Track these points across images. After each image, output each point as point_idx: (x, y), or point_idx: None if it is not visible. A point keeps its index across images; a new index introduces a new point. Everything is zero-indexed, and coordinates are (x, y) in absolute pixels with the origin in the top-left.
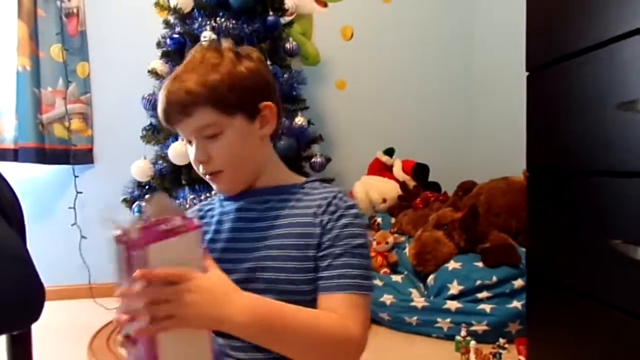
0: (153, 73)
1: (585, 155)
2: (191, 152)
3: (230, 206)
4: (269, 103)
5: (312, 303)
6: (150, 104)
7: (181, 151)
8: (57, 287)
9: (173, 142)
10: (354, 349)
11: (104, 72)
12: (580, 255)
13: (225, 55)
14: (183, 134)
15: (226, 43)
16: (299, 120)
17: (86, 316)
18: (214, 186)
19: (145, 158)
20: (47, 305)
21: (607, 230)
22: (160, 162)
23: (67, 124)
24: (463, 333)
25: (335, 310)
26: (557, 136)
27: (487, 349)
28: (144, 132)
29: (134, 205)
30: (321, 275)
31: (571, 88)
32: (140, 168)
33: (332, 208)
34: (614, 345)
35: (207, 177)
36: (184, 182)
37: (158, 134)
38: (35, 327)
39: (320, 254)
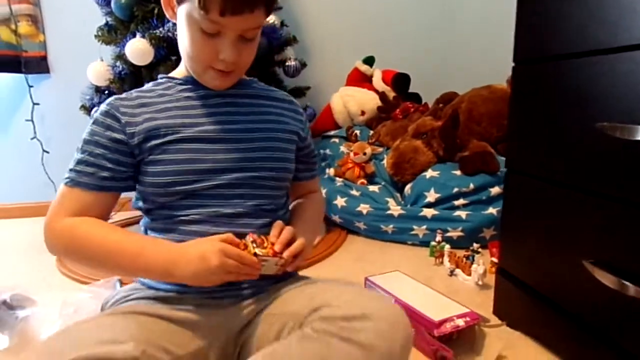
0: None
1: (574, 35)
2: (206, 44)
3: (197, 92)
4: None
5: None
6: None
7: (140, 49)
8: (22, 205)
9: (130, 39)
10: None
11: None
12: (564, 144)
13: None
14: (228, 28)
15: None
16: (271, 19)
17: None
18: (215, 80)
19: (101, 60)
20: (13, 223)
21: (594, 113)
22: (118, 63)
23: (13, 26)
24: (438, 239)
25: (316, 187)
26: (547, 20)
27: (460, 253)
28: (99, 31)
29: (92, 112)
30: (311, 166)
31: None
32: (98, 71)
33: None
34: (593, 233)
35: (218, 72)
36: (145, 84)
37: (115, 34)
38: (2, 244)
39: (306, 151)
